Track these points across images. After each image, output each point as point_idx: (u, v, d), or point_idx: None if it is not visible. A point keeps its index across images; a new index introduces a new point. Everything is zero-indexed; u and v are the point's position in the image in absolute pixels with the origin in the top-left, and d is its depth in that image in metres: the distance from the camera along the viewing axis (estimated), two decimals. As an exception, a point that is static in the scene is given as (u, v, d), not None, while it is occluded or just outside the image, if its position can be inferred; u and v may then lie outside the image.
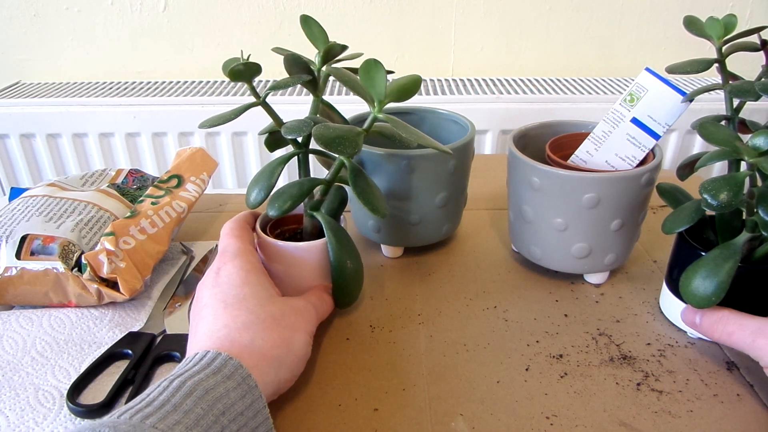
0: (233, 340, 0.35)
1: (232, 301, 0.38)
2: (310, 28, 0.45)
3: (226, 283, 0.39)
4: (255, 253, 0.44)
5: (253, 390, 0.33)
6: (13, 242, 0.48)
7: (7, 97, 1.09)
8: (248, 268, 0.41)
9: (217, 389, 0.31)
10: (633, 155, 0.46)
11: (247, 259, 0.41)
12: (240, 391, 0.32)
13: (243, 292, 0.39)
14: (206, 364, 0.33)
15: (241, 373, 0.33)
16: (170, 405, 0.29)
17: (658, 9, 1.14)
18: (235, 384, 0.32)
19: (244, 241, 0.44)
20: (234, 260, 0.41)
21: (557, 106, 1.07)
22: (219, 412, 0.30)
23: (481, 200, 0.67)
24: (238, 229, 0.45)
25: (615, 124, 0.46)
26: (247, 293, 0.39)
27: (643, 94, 0.45)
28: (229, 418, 0.31)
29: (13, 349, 0.44)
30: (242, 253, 0.42)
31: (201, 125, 0.43)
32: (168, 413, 0.29)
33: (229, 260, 0.41)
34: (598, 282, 0.52)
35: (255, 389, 0.33)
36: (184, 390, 0.30)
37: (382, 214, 0.42)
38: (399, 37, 1.17)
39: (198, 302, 0.40)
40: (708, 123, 0.39)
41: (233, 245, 0.43)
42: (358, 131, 0.40)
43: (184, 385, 0.31)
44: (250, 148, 1.12)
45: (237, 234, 0.44)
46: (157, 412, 0.29)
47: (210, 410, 0.30)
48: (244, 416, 0.31)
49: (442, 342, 0.45)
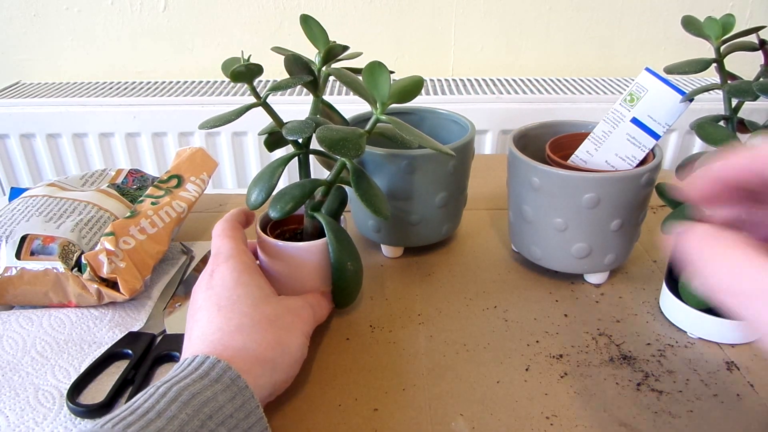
0: (226, 344, 0.35)
1: (226, 304, 0.38)
2: (310, 28, 0.44)
3: (220, 285, 0.39)
4: (248, 252, 0.43)
5: (244, 391, 0.32)
6: (13, 242, 0.48)
7: (7, 97, 1.09)
8: (241, 268, 0.40)
9: (204, 393, 0.31)
10: (633, 155, 0.46)
11: (240, 260, 0.41)
12: (229, 393, 0.31)
13: (236, 294, 0.38)
14: (194, 368, 0.32)
15: (230, 375, 0.32)
16: (154, 412, 0.29)
17: (658, 9, 1.14)
18: (223, 387, 0.32)
19: (236, 240, 0.43)
20: (227, 261, 0.41)
21: (557, 106, 1.07)
22: (206, 416, 0.30)
23: (481, 200, 0.67)
24: (230, 230, 0.45)
25: (615, 124, 0.46)
26: (240, 294, 0.38)
27: (643, 94, 0.45)
28: (216, 421, 0.30)
29: (13, 349, 0.44)
30: (235, 254, 0.42)
31: (201, 126, 0.42)
32: (151, 421, 0.29)
33: (222, 262, 0.41)
34: (598, 282, 0.52)
35: (246, 390, 0.32)
36: (170, 396, 0.30)
37: (384, 215, 0.42)
38: (399, 37, 1.17)
39: (193, 305, 0.40)
40: (706, 123, 0.40)
41: (226, 246, 0.43)
42: (360, 133, 0.40)
43: (169, 391, 0.30)
44: (250, 148, 1.12)
45: (229, 234, 0.44)
46: (140, 420, 0.29)
47: (196, 415, 0.30)
48: (235, 418, 0.31)
49: (442, 342, 0.45)
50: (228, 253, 0.42)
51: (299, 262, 0.45)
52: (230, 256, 0.41)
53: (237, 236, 0.44)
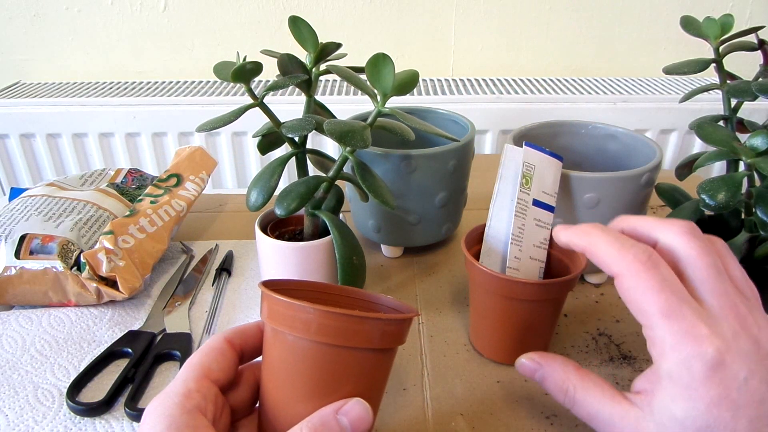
0: None
1: None
2: (299, 29, 0.44)
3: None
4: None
5: None
6: (12, 242, 0.48)
7: (7, 97, 1.09)
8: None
9: None
10: (545, 238, 0.43)
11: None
12: None
13: None
14: None
15: None
16: None
17: (658, 9, 1.14)
18: None
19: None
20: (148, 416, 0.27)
21: (557, 106, 1.07)
22: None
23: (481, 200, 0.67)
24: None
25: (524, 214, 0.42)
26: None
27: (533, 172, 0.42)
28: None
29: (13, 347, 0.44)
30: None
31: (199, 128, 0.42)
32: None
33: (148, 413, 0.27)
34: (598, 282, 0.52)
35: None
36: None
37: (391, 206, 0.43)
38: (399, 37, 1.17)
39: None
40: (706, 123, 0.40)
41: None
42: (363, 125, 0.40)
43: None
44: (250, 148, 1.12)
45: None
46: None
47: None
48: None
49: (442, 342, 0.45)
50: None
51: (304, 262, 0.45)
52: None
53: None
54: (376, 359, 0.29)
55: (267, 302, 0.29)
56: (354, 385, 0.28)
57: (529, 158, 0.43)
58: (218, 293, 0.52)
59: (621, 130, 0.53)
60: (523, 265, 0.42)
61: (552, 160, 0.44)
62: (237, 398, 0.31)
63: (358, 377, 0.28)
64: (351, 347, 0.28)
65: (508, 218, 0.42)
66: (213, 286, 0.53)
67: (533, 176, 0.43)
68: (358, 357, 0.28)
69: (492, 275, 0.39)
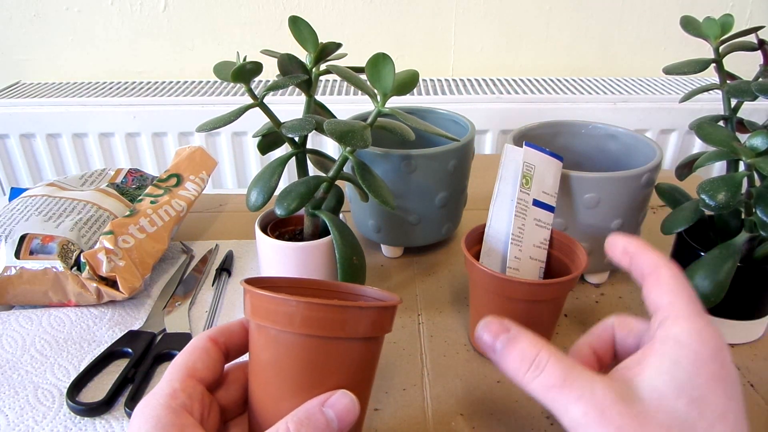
0: None
1: None
2: (299, 30, 0.44)
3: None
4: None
5: None
6: (12, 242, 0.48)
7: (7, 97, 1.09)
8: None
9: None
10: (544, 238, 0.43)
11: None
12: None
13: None
14: None
15: None
16: None
17: (658, 9, 1.14)
18: None
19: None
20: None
21: (557, 106, 1.07)
22: None
23: (481, 200, 0.67)
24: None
25: (524, 214, 0.42)
26: None
27: (533, 172, 0.43)
28: None
29: (13, 347, 0.44)
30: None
31: (199, 128, 0.42)
32: None
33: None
34: (598, 282, 0.52)
35: None
36: None
37: (391, 206, 0.43)
38: (399, 37, 1.17)
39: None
40: (706, 123, 0.39)
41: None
42: (363, 125, 0.40)
43: None
44: (250, 148, 1.12)
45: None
46: None
47: None
48: None
49: (442, 342, 0.45)
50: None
51: (304, 262, 0.45)
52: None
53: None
54: (361, 349, 0.29)
55: (249, 298, 0.29)
56: (340, 376, 0.28)
57: (529, 158, 0.43)
58: (218, 293, 0.52)
59: (621, 130, 0.53)
60: (523, 265, 0.42)
61: (552, 160, 0.44)
62: (227, 397, 0.31)
63: (343, 369, 0.28)
64: (335, 338, 0.28)
65: (508, 218, 0.42)
66: (213, 286, 0.53)
67: (533, 176, 0.43)
68: (342, 348, 0.28)
69: (492, 275, 0.39)
